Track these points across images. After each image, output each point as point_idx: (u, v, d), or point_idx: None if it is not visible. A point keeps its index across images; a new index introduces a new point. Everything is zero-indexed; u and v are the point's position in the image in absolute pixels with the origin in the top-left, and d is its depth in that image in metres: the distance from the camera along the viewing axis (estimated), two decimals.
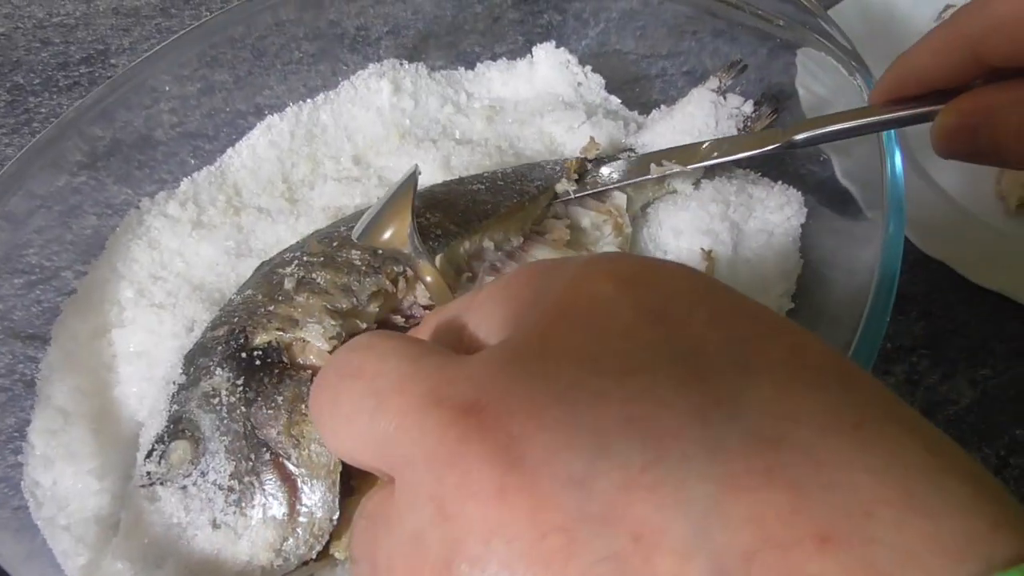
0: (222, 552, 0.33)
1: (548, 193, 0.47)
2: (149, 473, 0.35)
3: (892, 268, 0.37)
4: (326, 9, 0.59)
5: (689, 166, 0.46)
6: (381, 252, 0.40)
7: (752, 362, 0.18)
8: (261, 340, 0.37)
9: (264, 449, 0.34)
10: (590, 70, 0.58)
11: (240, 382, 0.36)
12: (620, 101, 0.58)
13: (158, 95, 0.53)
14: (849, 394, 0.18)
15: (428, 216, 0.43)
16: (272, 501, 0.33)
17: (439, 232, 0.42)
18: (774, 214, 0.49)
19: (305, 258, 0.40)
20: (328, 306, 0.38)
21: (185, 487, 0.34)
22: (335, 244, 0.41)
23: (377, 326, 0.39)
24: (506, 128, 0.54)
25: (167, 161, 0.53)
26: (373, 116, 0.54)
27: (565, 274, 0.20)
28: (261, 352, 0.37)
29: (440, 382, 0.19)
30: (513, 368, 0.18)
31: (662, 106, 0.54)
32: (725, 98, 0.51)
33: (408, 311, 0.40)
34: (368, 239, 0.39)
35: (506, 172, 0.48)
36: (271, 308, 0.38)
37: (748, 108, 0.51)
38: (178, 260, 0.47)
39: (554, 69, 0.57)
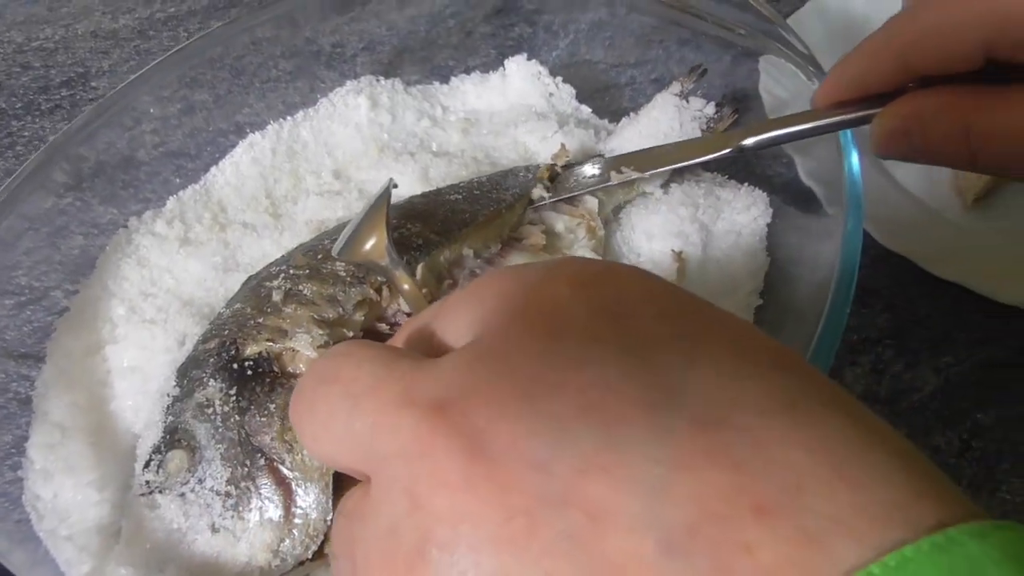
0: (222, 555, 0.34)
1: (523, 200, 0.49)
2: (148, 482, 0.36)
3: (852, 262, 0.38)
4: (302, 27, 0.61)
5: (647, 172, 0.48)
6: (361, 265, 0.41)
7: (696, 353, 0.19)
8: (252, 351, 0.38)
9: (258, 455, 0.35)
10: (561, 80, 0.60)
11: (233, 392, 0.37)
12: (591, 110, 0.60)
13: (140, 116, 0.54)
14: (786, 379, 0.19)
15: (408, 227, 0.44)
16: (268, 504, 0.35)
17: (420, 242, 0.43)
18: (741, 215, 0.51)
19: (291, 271, 0.42)
20: (315, 316, 0.39)
21: (183, 494, 0.35)
22: (320, 256, 0.42)
23: (363, 334, 0.40)
24: (481, 139, 0.56)
25: (151, 180, 0.54)
26: (352, 131, 0.56)
27: (527, 279, 0.21)
28: (252, 362, 0.38)
29: (411, 384, 0.20)
30: (477, 367, 0.20)
31: (631, 113, 0.56)
32: (688, 101, 0.53)
33: (392, 319, 0.42)
34: (347, 254, 0.40)
35: (482, 181, 0.50)
36: (260, 320, 0.39)
37: (710, 110, 0.53)
38: (167, 277, 0.48)
39: (526, 81, 0.59)
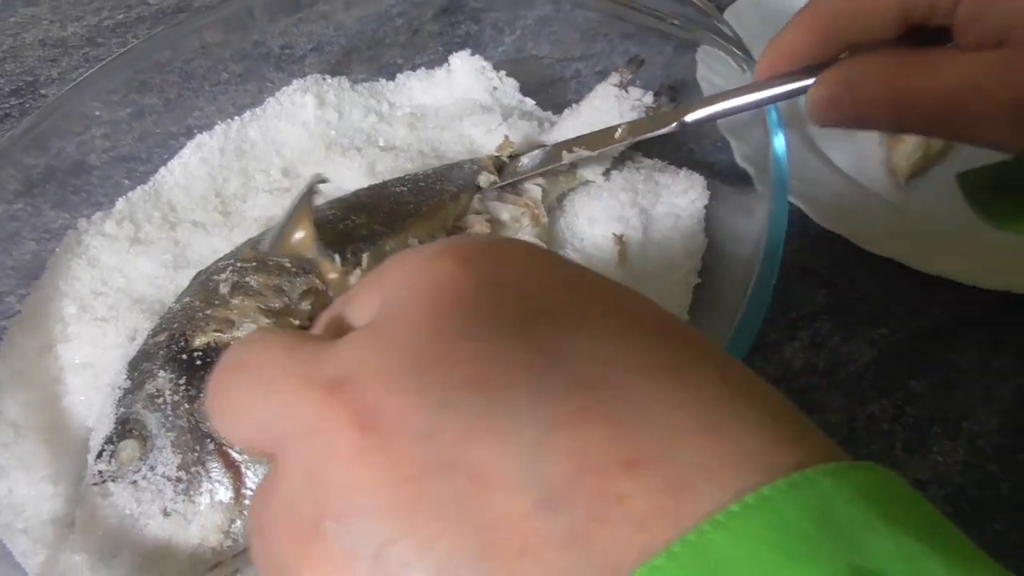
0: (174, 537, 0.35)
1: (469, 191, 0.50)
2: (101, 472, 0.37)
3: (777, 237, 0.40)
4: (251, 30, 0.61)
5: (596, 151, 0.49)
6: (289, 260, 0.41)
7: (580, 321, 0.20)
8: (200, 342, 0.39)
9: (208, 440, 0.36)
10: (504, 75, 0.61)
11: (182, 382, 0.38)
12: (535, 103, 0.61)
13: (90, 121, 0.54)
14: (665, 341, 0.20)
15: (353, 218, 0.45)
16: (218, 487, 0.36)
17: (365, 233, 0.44)
18: (679, 198, 0.52)
19: (239, 264, 0.42)
20: (262, 306, 0.40)
21: (135, 481, 0.36)
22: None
23: (311, 323, 0.41)
24: (428, 133, 0.57)
25: (102, 184, 0.55)
26: (299, 129, 0.57)
27: (420, 259, 0.22)
28: (201, 353, 0.39)
29: (313, 365, 0.21)
30: (370, 344, 0.20)
31: (574, 104, 0.57)
32: (627, 91, 0.55)
33: None
34: (277, 249, 0.41)
35: (427, 173, 0.51)
36: (208, 312, 0.40)
37: (649, 99, 0.55)
38: (118, 275, 0.49)
39: (470, 76, 0.60)
